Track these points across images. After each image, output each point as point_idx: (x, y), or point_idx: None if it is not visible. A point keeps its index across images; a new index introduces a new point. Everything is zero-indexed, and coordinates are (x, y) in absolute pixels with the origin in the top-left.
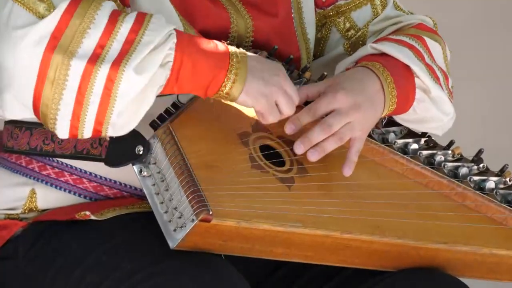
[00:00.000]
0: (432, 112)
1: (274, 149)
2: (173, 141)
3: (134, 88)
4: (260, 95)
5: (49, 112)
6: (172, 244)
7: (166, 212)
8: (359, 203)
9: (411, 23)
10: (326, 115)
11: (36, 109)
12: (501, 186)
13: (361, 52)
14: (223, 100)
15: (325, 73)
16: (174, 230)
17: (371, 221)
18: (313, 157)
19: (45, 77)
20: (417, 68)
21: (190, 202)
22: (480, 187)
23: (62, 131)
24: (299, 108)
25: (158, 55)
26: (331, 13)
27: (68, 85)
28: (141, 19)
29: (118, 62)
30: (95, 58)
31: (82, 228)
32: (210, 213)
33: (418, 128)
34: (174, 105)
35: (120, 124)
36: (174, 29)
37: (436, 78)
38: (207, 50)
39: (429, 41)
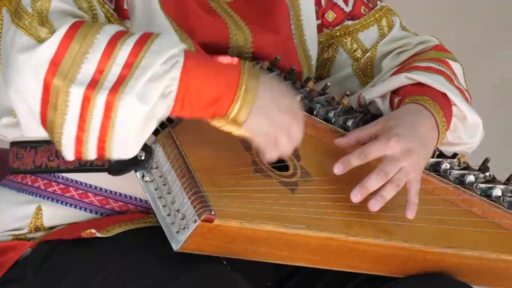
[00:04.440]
0: (464, 139)
1: None
2: (174, 145)
3: (133, 117)
4: (260, 132)
5: (54, 135)
6: (175, 246)
7: (169, 214)
8: (365, 207)
9: (428, 45)
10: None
11: (45, 129)
12: (509, 194)
13: (395, 82)
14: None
15: (328, 84)
16: (177, 232)
17: (377, 224)
18: (375, 208)
19: (48, 102)
20: (454, 96)
21: (192, 203)
22: (486, 194)
23: (68, 154)
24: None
25: (159, 84)
26: (338, 34)
27: (69, 111)
28: (144, 40)
29: (116, 89)
30: (94, 84)
31: (89, 246)
32: (212, 213)
33: (446, 149)
34: None
35: (121, 150)
36: (184, 49)
37: (466, 100)
38: (216, 76)
39: (452, 63)
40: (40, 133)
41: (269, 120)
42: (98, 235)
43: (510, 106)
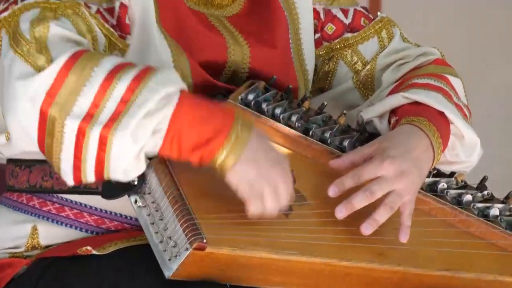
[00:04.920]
0: (462, 158)
1: None
2: (167, 170)
3: (126, 153)
4: (245, 182)
5: (53, 161)
6: (167, 274)
7: (161, 241)
8: (359, 231)
9: (429, 59)
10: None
11: (43, 153)
12: (507, 213)
13: (393, 101)
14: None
15: (325, 103)
16: (169, 259)
17: (372, 248)
18: (368, 231)
19: (45, 130)
20: (452, 114)
21: (184, 231)
22: (484, 214)
23: (67, 179)
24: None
25: (152, 120)
26: (338, 46)
27: (65, 140)
28: (141, 76)
29: (109, 125)
30: (88, 119)
31: (85, 263)
32: (204, 241)
33: (444, 168)
34: None
35: (120, 177)
36: (181, 90)
37: (464, 116)
38: (207, 120)
39: (452, 79)
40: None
41: (257, 171)
42: (94, 252)
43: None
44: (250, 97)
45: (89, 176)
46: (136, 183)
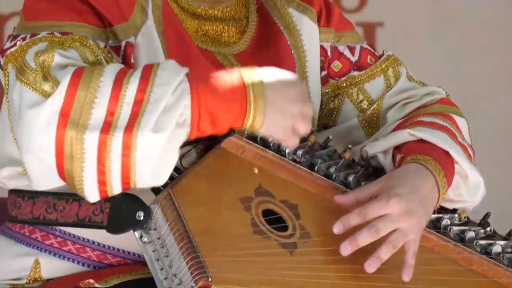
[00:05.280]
0: (465, 197)
1: (277, 214)
2: (173, 206)
3: (152, 151)
4: (279, 128)
5: (75, 183)
6: None
7: (166, 278)
8: (363, 268)
9: (435, 98)
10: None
11: (63, 180)
12: (509, 250)
13: (398, 138)
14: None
15: (330, 137)
16: None
17: (375, 286)
18: (371, 269)
19: (63, 154)
20: (456, 154)
21: (189, 269)
22: (486, 251)
23: (92, 197)
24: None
25: (173, 115)
26: (344, 84)
27: (86, 158)
28: (147, 74)
29: (131, 127)
30: (107, 127)
31: None
32: (210, 279)
33: (447, 206)
34: (176, 169)
35: (146, 182)
36: (186, 74)
37: (468, 157)
38: (223, 94)
39: (457, 118)
40: (54, 185)
41: (283, 114)
42: (97, 285)
43: None
44: None
45: (115, 187)
46: (142, 218)
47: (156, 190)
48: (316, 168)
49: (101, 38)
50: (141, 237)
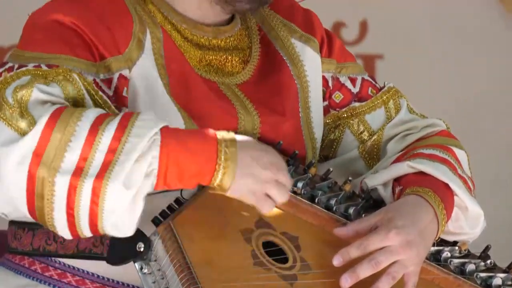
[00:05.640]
0: (465, 230)
1: (277, 246)
2: (174, 238)
3: (120, 203)
4: (247, 192)
5: (46, 221)
6: None
7: None
8: None
9: (435, 130)
10: None
11: (34, 217)
12: (509, 282)
13: (398, 170)
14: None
15: (331, 169)
16: None
17: None
18: None
19: (34, 192)
20: (456, 186)
21: None
22: (487, 284)
23: (64, 235)
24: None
25: (141, 165)
26: (345, 115)
27: (56, 200)
28: (125, 123)
29: (101, 176)
30: (79, 172)
31: None
32: None
33: (447, 238)
34: (177, 200)
35: (115, 232)
36: (162, 127)
37: (468, 189)
38: (195, 151)
39: (457, 151)
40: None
41: (254, 179)
42: None
43: None
44: None
45: (85, 231)
46: (142, 249)
47: (156, 221)
48: (316, 200)
49: (90, 71)
50: (141, 268)
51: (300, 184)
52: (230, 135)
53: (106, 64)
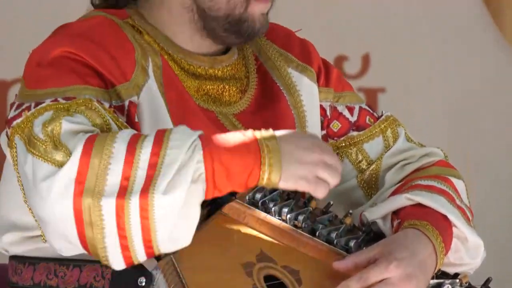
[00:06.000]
0: (466, 260)
1: (278, 280)
2: (175, 272)
3: (170, 210)
4: (298, 178)
5: (98, 252)
6: None
7: None
8: None
9: (433, 160)
10: None
11: (86, 249)
12: None
13: (396, 203)
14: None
15: (331, 202)
16: None
17: None
18: None
19: (83, 222)
20: (455, 218)
21: None
22: None
23: (118, 264)
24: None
25: (187, 171)
26: (343, 144)
27: (106, 224)
28: (160, 138)
29: (146, 190)
30: (123, 192)
31: None
32: None
33: (448, 270)
34: None
35: (171, 244)
36: (199, 135)
37: (467, 220)
38: (237, 149)
39: (455, 181)
40: (76, 253)
41: (300, 164)
42: None
43: None
44: (257, 196)
45: (139, 253)
46: (143, 284)
47: (158, 257)
48: (317, 233)
49: (105, 98)
50: None
51: (300, 218)
52: (268, 131)
53: (116, 91)
